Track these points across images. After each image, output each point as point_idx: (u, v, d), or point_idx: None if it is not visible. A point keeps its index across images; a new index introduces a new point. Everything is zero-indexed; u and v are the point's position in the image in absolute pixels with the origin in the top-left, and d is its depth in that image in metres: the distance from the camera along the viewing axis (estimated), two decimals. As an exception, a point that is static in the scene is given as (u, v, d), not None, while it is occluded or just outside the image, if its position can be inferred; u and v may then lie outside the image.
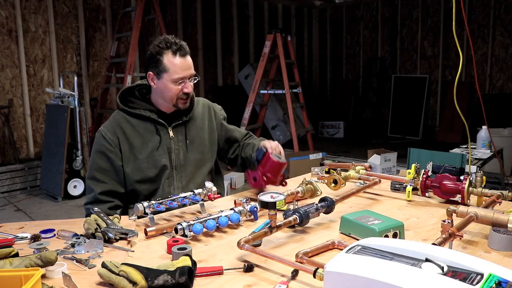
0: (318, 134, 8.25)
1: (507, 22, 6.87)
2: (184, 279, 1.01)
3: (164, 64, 1.71)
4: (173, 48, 1.70)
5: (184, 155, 1.82)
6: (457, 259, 0.84)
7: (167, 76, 1.72)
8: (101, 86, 5.88)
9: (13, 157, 5.31)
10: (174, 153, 1.80)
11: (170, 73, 1.71)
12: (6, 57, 5.19)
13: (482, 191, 1.55)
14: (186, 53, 1.73)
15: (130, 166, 1.76)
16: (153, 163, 1.77)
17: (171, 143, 1.80)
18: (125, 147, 1.76)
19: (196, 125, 1.87)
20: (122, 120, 1.79)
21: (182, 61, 1.72)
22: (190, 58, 1.76)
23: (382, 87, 8.44)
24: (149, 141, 1.78)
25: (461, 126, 6.89)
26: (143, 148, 1.77)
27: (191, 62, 1.76)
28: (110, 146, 1.75)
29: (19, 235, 1.37)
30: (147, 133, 1.78)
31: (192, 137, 1.85)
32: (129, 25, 5.76)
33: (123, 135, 1.77)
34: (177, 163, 1.81)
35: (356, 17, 8.67)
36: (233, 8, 7.63)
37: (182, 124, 1.83)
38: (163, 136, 1.79)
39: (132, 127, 1.78)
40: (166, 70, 1.71)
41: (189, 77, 1.75)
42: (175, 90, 1.73)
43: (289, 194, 1.59)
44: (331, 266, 0.88)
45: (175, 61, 1.71)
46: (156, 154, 1.77)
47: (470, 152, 2.74)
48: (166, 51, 1.70)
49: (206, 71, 7.24)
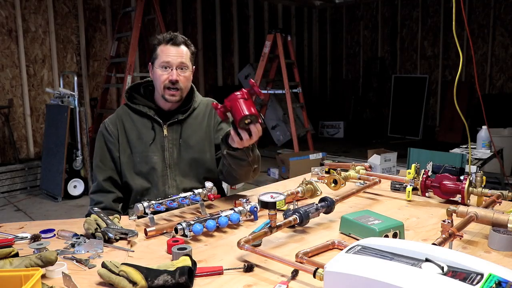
0: (318, 134, 8.25)
1: (507, 22, 6.87)
2: (184, 279, 1.01)
3: (157, 52, 1.77)
4: (167, 38, 1.76)
5: (178, 154, 1.81)
6: (457, 259, 0.84)
7: (156, 63, 1.77)
8: (101, 86, 5.88)
9: (13, 157, 5.32)
10: (168, 151, 1.80)
11: (159, 59, 1.76)
12: (6, 57, 5.19)
13: (482, 191, 1.55)
14: (178, 42, 1.76)
15: (125, 158, 1.80)
16: (145, 158, 1.79)
17: (165, 141, 1.80)
18: (122, 139, 1.82)
19: (194, 125, 1.85)
20: (124, 114, 1.85)
21: (171, 48, 1.75)
22: (184, 48, 1.77)
23: (382, 87, 8.44)
24: (144, 137, 1.80)
25: (461, 126, 6.89)
26: (137, 143, 1.80)
27: (182, 52, 1.77)
28: (110, 137, 1.81)
29: (19, 235, 1.37)
30: (144, 128, 1.81)
31: (188, 136, 1.83)
32: (129, 25, 5.76)
33: (123, 128, 1.83)
34: (170, 162, 1.80)
35: (356, 17, 8.67)
36: (233, 8, 7.64)
37: (178, 122, 1.82)
38: (157, 134, 1.80)
39: (131, 121, 1.83)
40: (156, 57, 1.77)
41: (176, 65, 1.75)
42: (162, 77, 1.75)
43: (289, 194, 1.59)
44: (331, 266, 0.88)
45: (165, 48, 1.76)
46: (149, 150, 1.79)
47: (470, 152, 2.74)
48: (162, 42, 1.77)
49: (206, 71, 7.24)
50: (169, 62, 1.74)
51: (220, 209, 1.52)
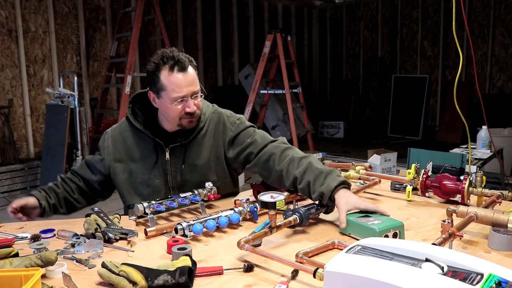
0: (318, 134, 8.25)
1: (507, 22, 6.87)
2: (184, 279, 1.01)
3: (161, 82, 1.56)
4: (169, 63, 1.55)
5: (182, 178, 1.69)
6: (457, 259, 0.84)
7: (166, 96, 1.56)
8: (101, 86, 5.88)
9: (13, 157, 5.31)
10: (171, 175, 1.69)
11: (168, 92, 1.55)
12: (6, 57, 5.19)
13: (482, 191, 1.55)
14: (185, 67, 1.55)
15: (124, 177, 1.71)
16: (147, 181, 1.69)
17: (167, 165, 1.68)
18: (124, 158, 1.72)
19: (199, 146, 1.69)
20: (126, 130, 1.73)
21: (180, 77, 1.55)
22: (192, 72, 1.58)
23: (382, 87, 8.44)
24: (147, 158, 1.69)
25: (461, 126, 6.89)
26: (140, 164, 1.70)
27: (193, 77, 1.58)
28: (103, 152, 1.75)
29: (19, 235, 1.37)
30: (146, 149, 1.70)
31: (192, 160, 1.68)
32: (129, 25, 5.76)
33: (125, 144, 1.72)
34: (174, 185, 1.70)
35: (356, 17, 8.67)
36: (233, 8, 7.63)
37: (181, 146, 1.67)
38: (159, 157, 1.68)
39: (135, 138, 1.71)
40: (164, 89, 1.56)
41: (191, 95, 1.58)
42: (176, 110, 1.57)
43: (289, 194, 1.58)
44: (331, 266, 0.88)
45: (172, 78, 1.54)
46: (151, 173, 1.69)
47: (470, 152, 2.74)
48: (163, 67, 1.55)
49: (206, 71, 7.24)
50: (184, 96, 1.56)
51: (220, 209, 1.52)
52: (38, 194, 1.71)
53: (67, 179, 1.81)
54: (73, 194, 1.78)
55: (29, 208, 1.66)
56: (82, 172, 1.80)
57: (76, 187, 1.79)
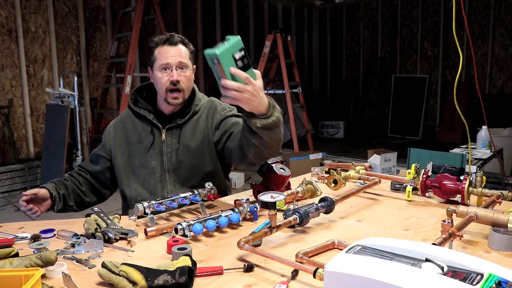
0: (318, 134, 8.26)
1: (507, 22, 6.87)
2: (184, 279, 1.01)
3: (154, 55, 1.74)
4: (163, 39, 1.73)
5: (177, 159, 1.76)
6: (457, 259, 0.84)
7: (155, 66, 1.73)
8: (101, 86, 5.88)
9: (13, 157, 5.32)
10: (167, 156, 1.77)
11: (157, 61, 1.72)
12: (6, 57, 5.19)
13: (482, 191, 1.55)
14: (175, 42, 1.71)
15: (122, 161, 1.81)
16: (143, 163, 1.78)
17: (163, 146, 1.77)
18: (122, 142, 1.83)
19: (193, 128, 1.79)
20: (127, 117, 1.86)
21: (169, 48, 1.71)
22: (182, 47, 1.73)
23: (382, 87, 8.45)
24: (144, 141, 1.79)
25: (461, 126, 6.89)
26: (137, 147, 1.80)
27: (181, 51, 1.72)
28: (105, 138, 1.87)
29: (19, 235, 1.37)
30: (144, 132, 1.80)
31: (187, 141, 1.77)
32: (129, 25, 5.76)
33: (124, 131, 1.84)
34: (169, 166, 1.77)
35: (356, 17, 8.67)
36: (233, 8, 7.64)
37: (177, 127, 1.78)
38: (156, 138, 1.78)
39: (133, 124, 1.83)
40: (155, 60, 1.73)
41: (176, 65, 1.70)
42: (162, 79, 1.71)
43: (289, 194, 1.58)
44: (331, 266, 0.88)
45: (162, 49, 1.72)
46: (147, 155, 1.78)
47: (470, 152, 2.74)
48: (159, 43, 1.73)
49: (206, 71, 7.24)
50: (168, 63, 1.70)
51: (220, 209, 1.52)
52: (48, 185, 1.75)
53: (75, 173, 1.90)
54: (81, 186, 1.85)
55: (39, 199, 1.69)
56: (87, 166, 1.90)
57: (84, 180, 1.87)
